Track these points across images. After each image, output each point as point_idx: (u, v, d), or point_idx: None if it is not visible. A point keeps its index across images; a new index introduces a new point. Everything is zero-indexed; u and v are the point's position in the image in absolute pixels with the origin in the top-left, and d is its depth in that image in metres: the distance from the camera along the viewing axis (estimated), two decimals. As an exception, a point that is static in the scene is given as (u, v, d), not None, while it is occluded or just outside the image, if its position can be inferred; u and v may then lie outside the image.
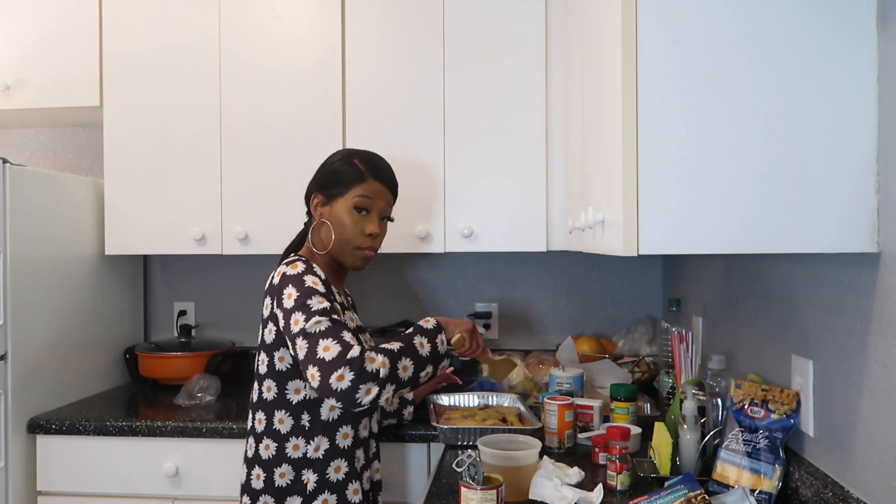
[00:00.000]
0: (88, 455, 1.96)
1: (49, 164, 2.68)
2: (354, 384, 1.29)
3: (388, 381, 1.33)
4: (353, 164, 1.55)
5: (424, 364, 1.40)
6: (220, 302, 2.62)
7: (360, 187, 1.53)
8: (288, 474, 1.47)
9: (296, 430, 1.48)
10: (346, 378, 1.29)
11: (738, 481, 1.28)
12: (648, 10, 1.00)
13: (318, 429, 1.48)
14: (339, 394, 1.29)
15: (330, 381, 1.29)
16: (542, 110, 2.13)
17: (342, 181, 1.53)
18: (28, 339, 1.98)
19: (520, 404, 1.92)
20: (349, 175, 1.54)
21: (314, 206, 1.56)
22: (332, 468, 1.49)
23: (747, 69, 0.99)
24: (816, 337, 1.23)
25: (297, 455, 1.47)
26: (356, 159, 1.56)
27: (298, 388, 1.48)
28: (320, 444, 1.48)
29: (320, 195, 1.55)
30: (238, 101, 2.22)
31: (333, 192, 1.54)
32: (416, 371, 1.38)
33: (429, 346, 1.42)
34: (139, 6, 2.26)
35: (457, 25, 2.14)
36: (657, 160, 1.00)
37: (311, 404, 1.49)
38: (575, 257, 2.51)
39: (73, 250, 2.19)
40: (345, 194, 1.53)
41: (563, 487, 1.34)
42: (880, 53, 0.99)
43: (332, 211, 1.53)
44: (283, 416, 1.48)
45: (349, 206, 1.52)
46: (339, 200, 1.53)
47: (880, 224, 1.00)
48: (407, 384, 1.38)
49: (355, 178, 1.53)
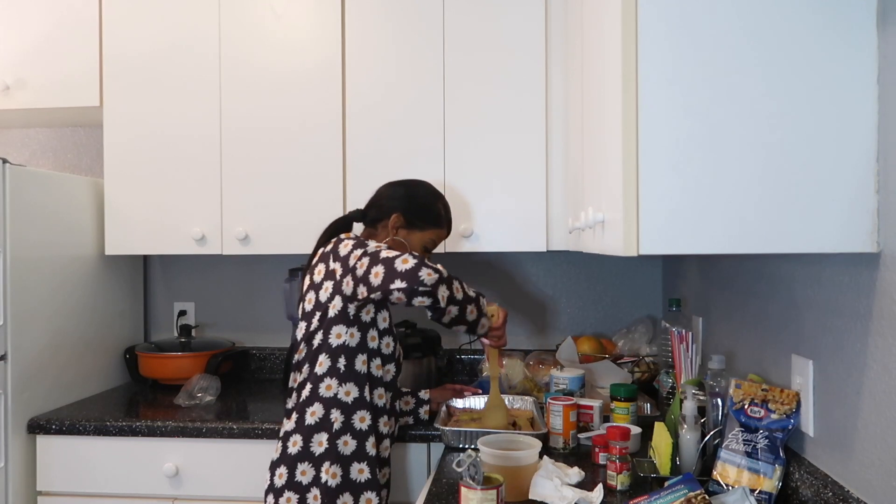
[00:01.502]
0: (88, 455, 1.96)
1: (49, 164, 2.68)
2: (418, 265, 1.46)
3: (445, 282, 1.49)
4: (439, 208, 1.80)
5: (471, 301, 1.57)
6: (220, 302, 2.62)
7: (437, 232, 1.80)
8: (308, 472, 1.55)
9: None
10: (409, 261, 1.46)
11: (738, 481, 1.28)
12: (649, 10, 1.00)
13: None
14: (404, 273, 1.44)
15: (395, 264, 1.46)
16: (542, 111, 2.13)
17: (427, 219, 1.78)
18: (28, 340, 1.98)
19: (534, 408, 1.90)
20: (434, 217, 1.79)
21: (393, 223, 1.75)
22: (356, 469, 1.56)
23: (747, 69, 1.00)
24: (816, 337, 1.23)
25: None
26: (441, 204, 1.82)
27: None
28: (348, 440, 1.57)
29: (403, 218, 1.75)
30: (238, 101, 2.22)
31: (416, 222, 1.76)
32: (465, 301, 1.55)
33: (475, 294, 1.60)
34: (139, 7, 2.26)
35: (457, 26, 2.14)
36: (657, 160, 1.00)
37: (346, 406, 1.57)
38: (575, 257, 2.51)
39: (73, 250, 2.19)
40: (423, 230, 1.77)
41: (564, 487, 1.34)
42: (880, 53, 0.99)
43: (409, 237, 1.76)
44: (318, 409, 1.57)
45: (423, 242, 1.78)
46: (417, 233, 1.77)
47: (880, 224, 1.00)
48: (457, 303, 1.52)
49: (437, 222, 1.80)
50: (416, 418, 1.89)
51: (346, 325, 1.57)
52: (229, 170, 2.23)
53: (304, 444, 1.54)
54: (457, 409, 1.94)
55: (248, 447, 1.91)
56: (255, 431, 1.90)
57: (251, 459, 1.91)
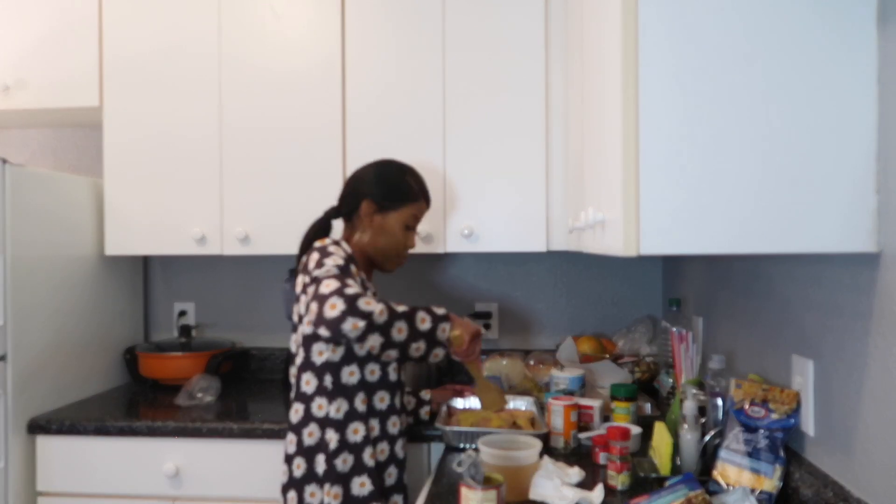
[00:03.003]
0: (88, 455, 1.96)
1: (49, 165, 2.68)
2: (343, 315, 1.35)
3: (378, 329, 1.38)
4: (409, 182, 1.70)
5: (418, 337, 1.44)
6: (220, 302, 2.62)
7: (414, 206, 1.70)
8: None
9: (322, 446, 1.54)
10: (337, 307, 1.36)
11: (738, 481, 1.28)
12: (648, 10, 1.00)
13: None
14: (327, 321, 1.36)
15: (323, 308, 1.37)
16: (542, 110, 2.13)
17: (398, 197, 1.68)
18: (28, 340, 1.98)
19: (535, 409, 1.90)
20: (406, 193, 1.69)
21: (365, 211, 1.66)
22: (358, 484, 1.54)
23: (748, 68, 0.99)
24: (816, 337, 1.23)
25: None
26: (410, 178, 1.71)
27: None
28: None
29: (374, 203, 1.66)
30: (238, 101, 2.22)
31: (387, 204, 1.67)
32: (409, 339, 1.42)
33: (430, 325, 1.46)
34: (139, 7, 2.26)
35: (457, 26, 2.14)
36: (657, 160, 1.00)
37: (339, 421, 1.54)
38: (575, 257, 2.51)
39: (73, 251, 2.19)
40: (398, 209, 1.68)
41: (564, 487, 1.34)
42: (880, 53, 0.99)
43: (385, 221, 1.67)
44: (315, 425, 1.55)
45: (402, 222, 1.68)
46: (392, 213, 1.67)
47: (880, 224, 1.00)
48: (395, 346, 1.41)
49: (411, 197, 1.69)
50: (417, 419, 1.89)
51: (324, 341, 1.53)
52: (229, 170, 2.23)
53: (307, 466, 1.53)
54: (457, 410, 1.94)
55: (249, 447, 1.91)
56: (256, 431, 1.90)
57: (251, 459, 1.91)
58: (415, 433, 1.86)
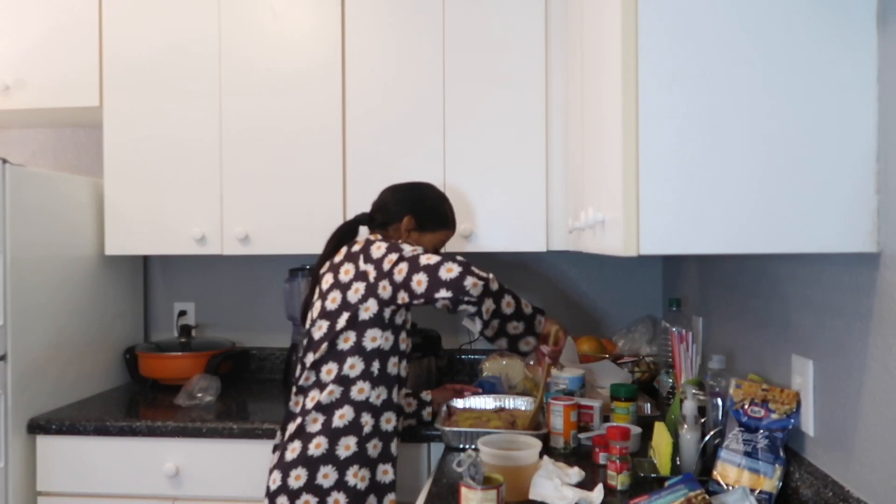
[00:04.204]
0: (88, 455, 1.96)
1: (49, 165, 2.68)
2: (463, 274, 1.47)
3: (492, 295, 1.51)
4: (446, 210, 1.83)
5: (520, 317, 1.59)
6: (220, 302, 2.62)
7: (446, 233, 1.83)
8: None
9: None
10: (454, 270, 1.47)
11: (738, 481, 1.28)
12: (648, 10, 1.00)
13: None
14: (448, 282, 1.44)
15: (439, 272, 1.47)
16: (542, 110, 2.13)
17: (437, 221, 1.80)
18: (28, 340, 1.98)
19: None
20: (443, 218, 1.81)
21: (406, 226, 1.76)
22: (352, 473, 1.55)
23: (748, 68, 0.99)
24: (816, 337, 1.23)
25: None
26: (447, 206, 1.84)
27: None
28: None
29: (414, 220, 1.77)
30: (238, 101, 2.22)
31: (426, 224, 1.78)
32: (513, 315, 1.57)
33: (531, 311, 1.62)
34: (139, 7, 2.26)
35: (457, 25, 2.14)
36: (657, 160, 1.00)
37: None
38: (575, 257, 2.51)
39: (73, 251, 2.19)
40: (434, 232, 1.80)
41: (564, 487, 1.34)
42: (880, 53, 0.99)
43: (421, 239, 1.78)
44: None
45: (434, 244, 1.81)
46: (428, 234, 1.79)
47: (880, 224, 1.00)
48: (501, 317, 1.55)
49: (446, 224, 1.82)
50: (420, 420, 1.90)
51: (381, 328, 1.58)
52: (229, 170, 2.23)
53: (329, 447, 1.54)
54: (457, 410, 1.94)
55: (249, 447, 1.91)
56: (255, 431, 1.90)
57: (251, 459, 1.91)
58: (414, 433, 1.87)
